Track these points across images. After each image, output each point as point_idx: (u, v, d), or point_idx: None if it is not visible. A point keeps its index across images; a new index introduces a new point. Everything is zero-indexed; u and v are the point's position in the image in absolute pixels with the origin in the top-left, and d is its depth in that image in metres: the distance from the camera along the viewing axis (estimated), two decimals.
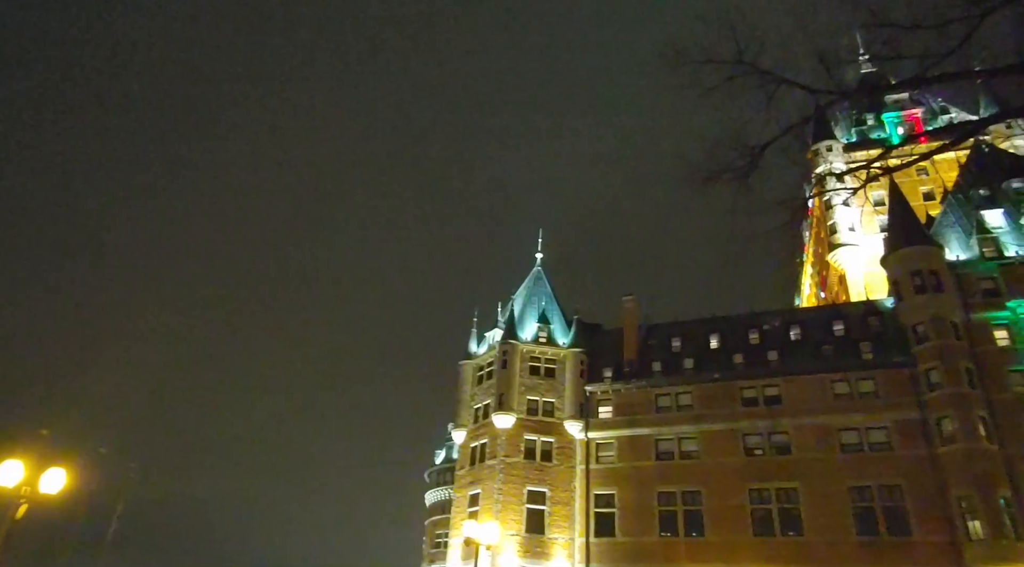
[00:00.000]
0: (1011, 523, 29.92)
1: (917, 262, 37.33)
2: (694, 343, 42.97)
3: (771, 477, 35.86)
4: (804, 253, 68.61)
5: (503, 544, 36.34)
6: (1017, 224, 39.05)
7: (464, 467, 42.76)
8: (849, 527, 33.23)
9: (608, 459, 40.06)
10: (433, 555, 59.11)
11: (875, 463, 34.36)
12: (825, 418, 36.31)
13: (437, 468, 67.63)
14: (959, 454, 31.96)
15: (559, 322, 46.13)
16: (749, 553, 34.08)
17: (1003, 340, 35.25)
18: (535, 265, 50.76)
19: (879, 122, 59.47)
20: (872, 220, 51.40)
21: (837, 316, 41.45)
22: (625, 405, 41.21)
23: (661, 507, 37.24)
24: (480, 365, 45.44)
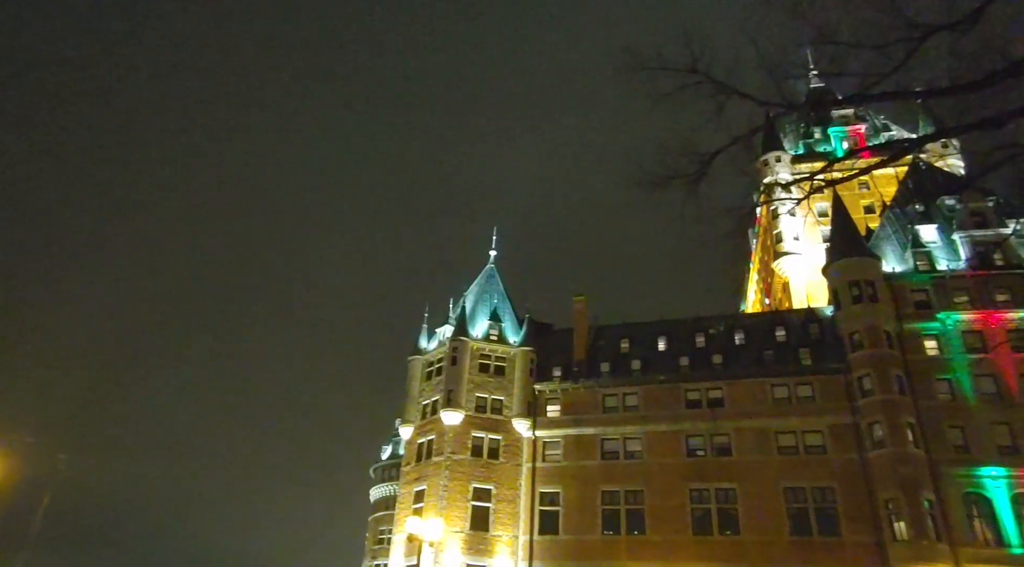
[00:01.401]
0: (933, 525, 31.38)
1: (855, 273, 38.77)
2: (642, 345, 43.67)
3: (711, 478, 36.74)
4: (751, 260, 70.47)
5: (447, 541, 36.25)
6: (949, 239, 40.95)
7: (410, 463, 42.49)
8: (783, 527, 34.32)
9: (554, 457, 40.39)
10: (376, 551, 58.58)
11: (810, 466, 35.56)
12: (764, 421, 37.39)
13: (383, 464, 67.02)
14: (887, 458, 33.35)
15: (510, 320, 46.25)
16: (688, 551, 34.85)
17: (932, 350, 36.92)
18: (488, 262, 50.76)
19: (825, 136, 61.55)
20: (816, 230, 53.12)
21: (779, 322, 42.72)
22: (573, 404, 41.62)
23: (604, 506, 37.76)
24: (430, 361, 45.21)
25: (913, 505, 31.74)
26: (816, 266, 45.18)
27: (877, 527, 32.58)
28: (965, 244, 39.98)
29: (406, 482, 42.11)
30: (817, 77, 44.99)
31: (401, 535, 38.44)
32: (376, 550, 58.72)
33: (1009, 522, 31.41)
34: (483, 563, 36.92)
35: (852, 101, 13.14)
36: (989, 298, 37.24)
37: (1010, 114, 9.55)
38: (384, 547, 51.98)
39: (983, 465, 32.89)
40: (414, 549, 32.36)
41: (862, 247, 40.44)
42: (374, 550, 59.55)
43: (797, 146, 61.39)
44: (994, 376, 35.14)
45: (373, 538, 61.73)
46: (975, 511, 32.25)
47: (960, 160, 52.44)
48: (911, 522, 31.42)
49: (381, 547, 55.90)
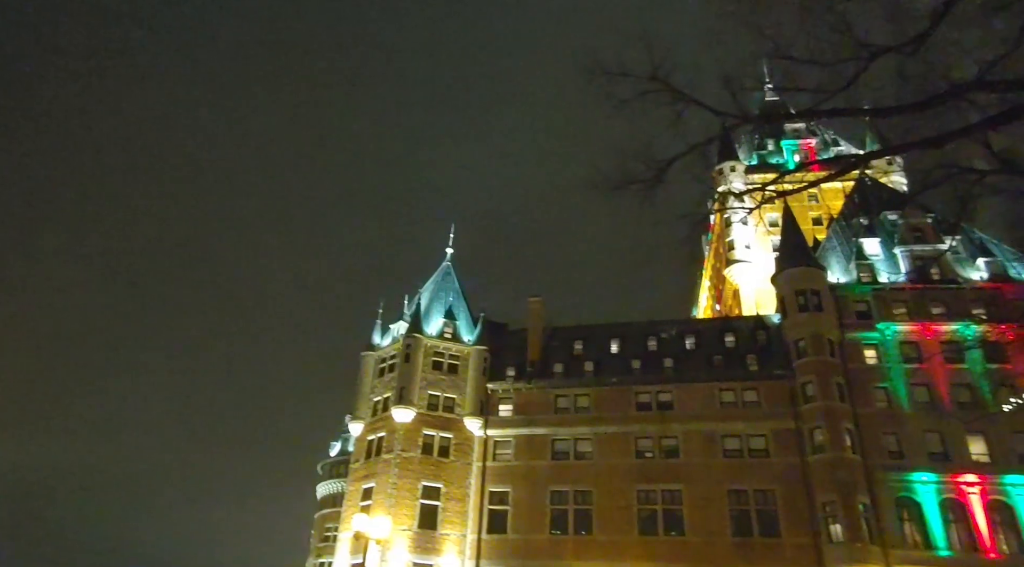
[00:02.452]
0: (867, 527, 32.57)
1: (802, 282, 39.95)
2: (595, 347, 44.11)
3: (658, 479, 37.35)
4: (703, 266, 71.91)
5: (394, 539, 35.95)
6: (890, 253, 42.55)
7: (359, 460, 41.99)
8: (726, 528, 35.12)
9: (505, 457, 40.46)
10: (321, 549, 57.74)
11: (753, 469, 36.50)
12: (712, 425, 38.20)
13: (331, 460, 66.07)
14: (826, 462, 34.46)
15: (465, 319, 46.15)
16: (633, 551, 35.34)
17: (872, 359, 38.29)
18: (445, 260, 50.54)
19: (778, 148, 63.30)
20: (766, 240, 54.60)
21: (729, 329, 43.71)
22: (525, 404, 41.77)
23: (553, 506, 38.01)
24: (383, 357, 44.75)
25: (849, 508, 32.87)
26: (766, 274, 46.38)
27: (815, 529, 33.62)
28: (905, 258, 41.61)
29: (354, 479, 41.59)
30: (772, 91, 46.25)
31: (347, 533, 37.95)
32: (321, 548, 57.88)
33: (937, 526, 32.82)
34: (430, 562, 36.74)
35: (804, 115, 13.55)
36: (925, 311, 38.82)
37: (949, 135, 9.99)
38: (330, 545, 51.29)
39: (915, 471, 34.28)
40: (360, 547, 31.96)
41: (809, 258, 41.68)
42: (319, 548, 58.68)
43: (751, 157, 62.94)
44: (928, 385, 36.67)
45: (319, 536, 60.82)
46: (906, 515, 33.57)
47: (903, 177, 54.58)
48: (846, 524, 32.53)
49: (327, 545, 55.12)
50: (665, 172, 12.69)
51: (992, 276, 39.65)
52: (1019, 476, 33.26)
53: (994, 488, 33.22)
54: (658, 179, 12.72)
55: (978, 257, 40.83)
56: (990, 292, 38.47)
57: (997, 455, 34.09)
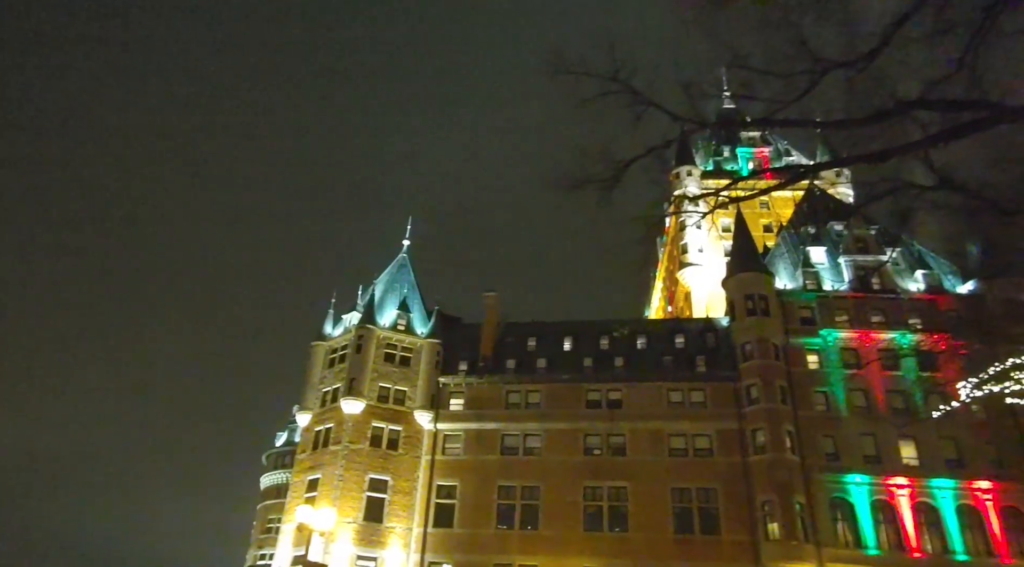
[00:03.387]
0: (802, 526, 33.71)
1: (751, 287, 40.99)
2: (548, 344, 44.38)
3: (605, 476, 37.87)
4: (657, 268, 73.08)
5: (338, 531, 35.58)
6: (835, 262, 44.02)
7: (306, 451, 41.37)
8: (668, 525, 35.86)
9: (454, 451, 40.42)
10: (263, 541, 56.69)
11: (697, 467, 37.33)
12: (659, 424, 38.90)
13: (276, 451, 64.84)
14: (766, 463, 35.51)
15: (419, 311, 45.87)
16: (578, 547, 35.77)
17: (813, 363, 39.57)
18: (401, 252, 50.11)
19: (734, 155, 64.75)
20: (719, 244, 55.78)
21: (679, 330, 44.56)
22: (476, 399, 41.79)
23: (501, 500, 38.16)
24: (333, 347, 44.15)
25: (786, 507, 33.95)
26: (717, 278, 47.39)
27: (753, 527, 34.62)
28: (848, 267, 43.08)
29: (300, 470, 40.97)
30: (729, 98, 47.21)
31: (291, 524, 37.37)
32: (263, 539, 56.83)
33: (868, 526, 34.17)
34: (374, 554, 36.49)
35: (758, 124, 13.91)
36: (865, 318, 40.30)
37: (893, 150, 10.39)
38: (272, 536, 50.41)
39: (849, 472, 35.60)
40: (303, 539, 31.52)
41: (759, 263, 42.79)
42: (261, 539, 57.61)
43: (707, 162, 64.20)
44: (864, 391, 38.10)
45: (261, 527, 59.69)
46: (839, 514, 34.86)
47: (850, 189, 56.54)
48: (783, 523, 33.59)
49: (269, 536, 54.16)
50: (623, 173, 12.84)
51: (928, 288, 41.40)
52: (945, 480, 34.88)
53: (921, 491, 34.76)
54: (616, 180, 12.86)
55: (916, 269, 42.57)
56: (926, 303, 40.17)
57: (925, 459, 35.66)
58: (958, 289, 41.15)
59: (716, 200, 13.90)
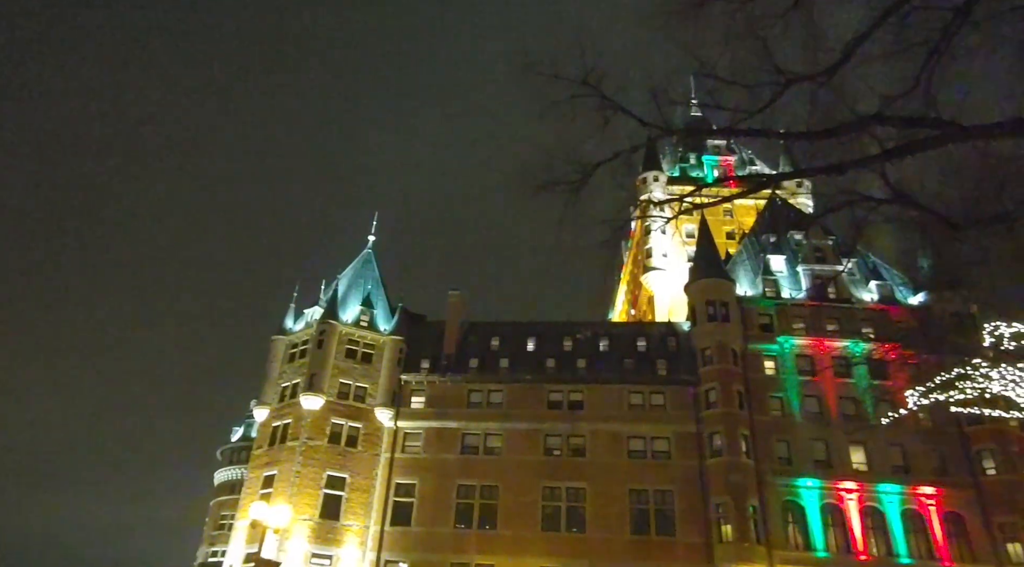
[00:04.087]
0: (755, 529, 34.41)
1: (712, 293, 41.68)
2: (512, 344, 44.45)
3: (564, 477, 38.08)
4: (622, 271, 73.79)
5: (293, 528, 35.09)
6: (794, 270, 45.04)
7: (262, 446, 40.71)
8: (625, 526, 36.23)
9: (414, 449, 40.20)
10: (215, 537, 55.66)
11: (655, 469, 37.81)
12: (619, 426, 39.29)
13: (232, 446, 63.70)
14: (722, 466, 36.15)
15: (383, 308, 45.51)
16: (535, 547, 35.89)
17: (770, 369, 40.41)
18: (366, 247, 49.66)
19: (699, 162, 65.79)
20: (683, 250, 56.60)
21: (642, 333, 45.07)
22: (438, 397, 41.63)
23: (459, 499, 38.08)
24: (294, 342, 43.54)
25: (740, 510, 34.61)
26: (680, 283, 48.04)
27: (707, 529, 35.19)
28: (806, 276, 44.12)
29: (256, 466, 40.28)
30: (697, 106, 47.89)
31: (244, 521, 36.71)
32: (215, 536, 55.78)
33: (817, 529, 35.04)
34: (330, 552, 36.08)
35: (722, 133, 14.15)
36: (821, 327, 41.33)
37: (851, 163, 10.68)
38: (225, 533, 49.51)
39: (801, 476, 36.45)
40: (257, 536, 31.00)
41: (720, 270, 43.52)
42: (213, 536, 56.52)
43: (674, 168, 65.09)
44: (818, 397, 39.07)
45: (213, 523, 58.54)
46: (790, 517, 35.67)
47: (809, 199, 57.95)
48: (736, 525, 34.23)
49: (221, 533, 53.18)
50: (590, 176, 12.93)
51: (882, 298, 42.63)
52: (892, 484, 35.98)
53: (869, 495, 35.79)
54: (583, 182, 12.95)
55: (870, 280, 43.80)
56: (879, 313, 41.36)
57: (874, 464, 36.74)
58: (909, 300, 42.47)
59: (680, 206, 14.09)
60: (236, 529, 38.65)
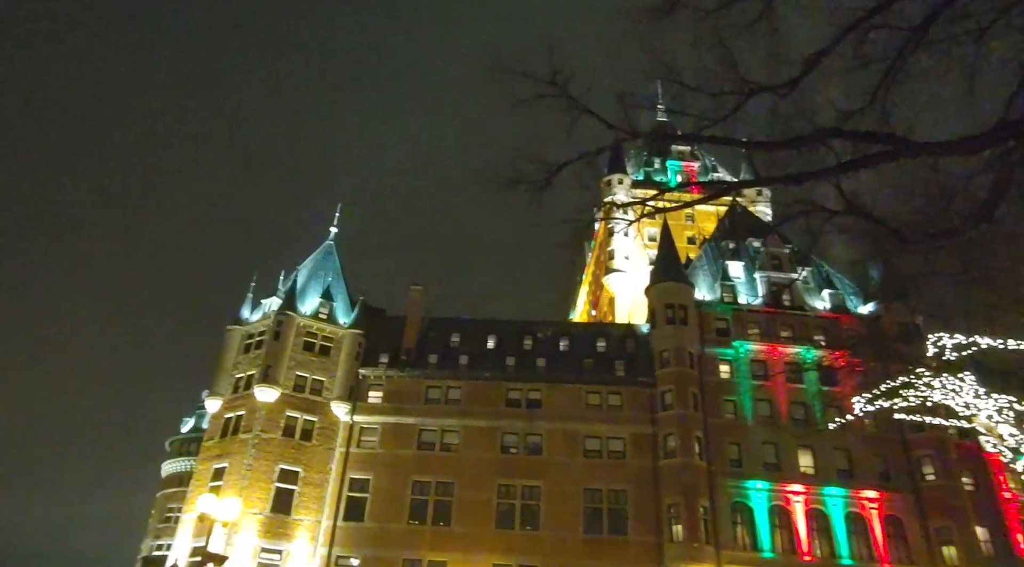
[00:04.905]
0: (705, 529, 35.07)
1: (672, 296, 42.29)
2: (472, 341, 44.39)
3: (520, 475, 38.21)
4: (584, 272, 74.31)
5: (243, 522, 34.45)
6: (751, 277, 46.00)
7: (214, 438, 39.85)
8: (578, 524, 36.54)
9: (370, 444, 39.85)
10: (160, 530, 54.33)
11: (610, 469, 38.22)
12: (576, 425, 39.59)
13: (182, 437, 62.19)
14: (675, 467, 36.74)
15: (343, 301, 44.98)
16: (489, 544, 35.93)
17: (725, 373, 41.20)
18: (328, 239, 48.99)
19: (664, 167, 66.65)
20: (645, 253, 57.29)
21: (602, 334, 45.48)
22: (396, 392, 41.34)
23: (414, 495, 37.89)
24: (250, 333, 42.71)
25: (691, 510, 35.23)
26: (641, 285, 48.61)
27: (659, 528, 35.73)
28: (763, 283, 45.10)
29: (206, 458, 39.42)
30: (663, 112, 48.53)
31: (192, 514, 35.90)
32: (161, 529, 54.44)
33: (765, 530, 35.89)
34: (280, 547, 35.53)
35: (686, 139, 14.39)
36: (775, 333, 42.30)
37: (808, 174, 10.96)
38: (171, 526, 48.38)
39: (751, 479, 37.29)
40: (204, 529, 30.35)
41: (681, 274, 44.18)
42: (159, 529, 55.15)
43: (639, 172, 65.81)
44: (770, 401, 40.01)
45: (159, 516, 57.11)
46: (739, 518, 36.45)
47: (768, 208, 59.23)
48: (687, 525, 34.84)
49: (167, 526, 51.94)
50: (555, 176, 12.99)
51: (834, 307, 43.84)
52: (836, 488, 37.06)
53: (815, 498, 36.81)
54: (548, 182, 13.00)
55: (824, 289, 45.01)
56: (830, 321, 42.54)
57: (820, 468, 37.79)
58: (859, 310, 43.76)
59: (643, 209, 14.26)
60: (183, 522, 37.78)
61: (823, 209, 12.28)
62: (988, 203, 10.08)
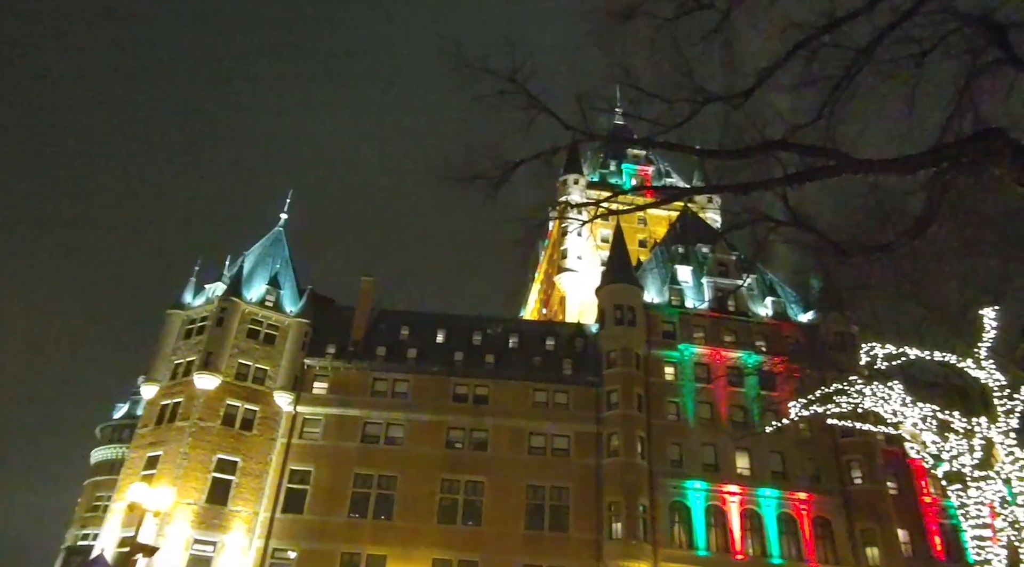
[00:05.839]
0: (643, 527, 35.74)
1: (621, 298, 42.88)
2: (421, 335, 44.12)
3: (464, 470, 38.19)
4: (536, 270, 74.65)
5: (176, 512, 33.51)
6: (699, 282, 47.02)
7: (148, 425, 38.59)
8: (520, 520, 36.76)
9: (312, 435, 39.22)
10: (87, 519, 52.35)
11: (553, 467, 38.56)
12: (522, 422, 39.80)
13: (114, 423, 60.03)
14: (618, 466, 37.33)
15: (291, 289, 44.10)
16: (429, 539, 35.81)
17: (670, 375, 42.01)
18: (278, 225, 47.95)
19: (619, 169, 67.47)
20: (597, 253, 57.94)
21: (551, 333, 45.81)
22: (341, 384, 40.78)
23: (356, 489, 37.46)
24: (192, 318, 41.50)
25: (631, 509, 35.85)
26: (592, 285, 49.13)
27: (599, 526, 36.24)
28: (710, 288, 46.15)
29: (139, 445, 38.14)
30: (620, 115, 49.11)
31: (122, 503, 34.71)
32: (88, 518, 52.46)
33: (701, 529, 36.80)
34: (214, 538, 34.66)
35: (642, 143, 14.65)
36: (719, 337, 43.36)
37: (755, 184, 11.31)
38: (99, 515, 46.67)
39: (689, 479, 38.15)
40: (134, 519, 29.38)
41: (631, 276, 44.84)
42: (85, 518, 53.13)
43: (594, 173, 66.44)
44: (711, 404, 40.99)
45: (86, 505, 55.01)
46: (677, 517, 37.26)
47: (718, 215, 60.65)
48: (626, 523, 35.45)
49: (95, 515, 50.08)
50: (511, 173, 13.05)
51: (775, 314, 45.20)
52: (770, 489, 38.25)
53: (750, 498, 37.92)
54: (504, 179, 13.05)
55: (767, 296, 46.35)
56: (771, 328, 43.86)
57: (756, 470, 38.95)
58: (799, 318, 45.24)
59: (597, 210, 14.45)
60: (112, 511, 36.50)
61: (769, 219, 12.69)
62: (921, 221, 10.57)
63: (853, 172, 10.37)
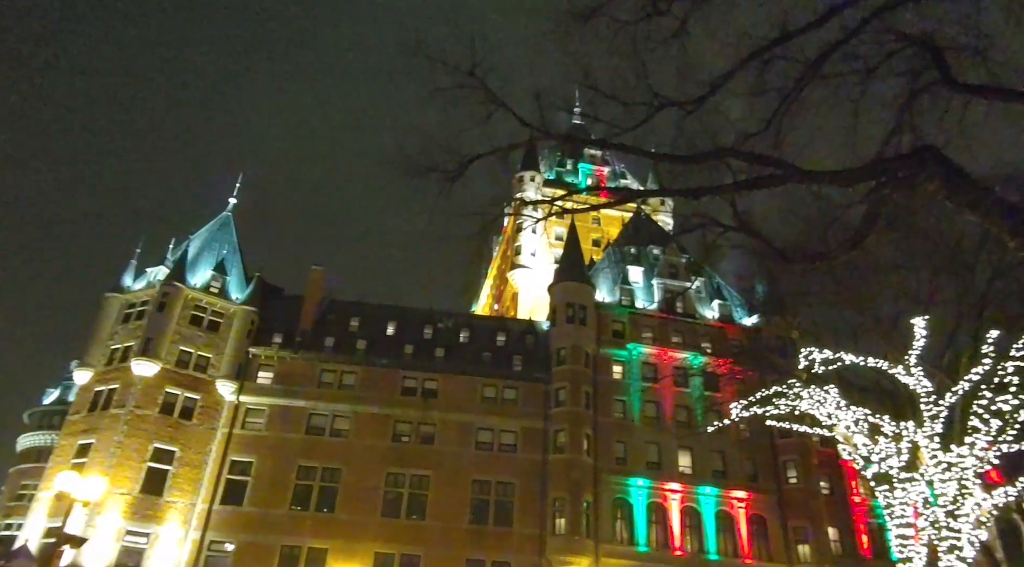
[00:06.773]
0: (586, 523, 36.23)
1: (573, 296, 43.29)
2: (371, 327, 43.63)
3: (410, 464, 37.99)
4: (490, 265, 74.64)
5: (108, 502, 32.38)
6: (649, 283, 47.84)
7: (80, 412, 37.13)
8: (464, 515, 36.80)
9: (255, 426, 38.39)
10: (11, 509, 50.08)
11: (500, 462, 38.70)
12: (470, 417, 39.81)
13: (43, 409, 57.53)
14: (563, 462, 37.71)
15: (237, 276, 43.01)
16: (373, 532, 35.52)
17: (618, 374, 42.62)
18: (226, 209, 46.68)
19: (575, 169, 68.00)
20: (550, 251, 58.31)
21: (503, 328, 45.91)
22: (287, 374, 40.03)
23: (299, 481, 36.86)
24: (131, 302, 40.08)
25: (574, 504, 36.29)
26: (544, 283, 49.44)
27: (543, 521, 36.59)
28: (659, 289, 47.00)
29: (70, 433, 36.67)
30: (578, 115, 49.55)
31: (49, 492, 33.32)
32: (12, 508, 50.20)
33: (642, 525, 37.51)
34: (148, 530, 33.62)
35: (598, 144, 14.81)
36: (666, 338, 44.21)
37: (706, 189, 11.58)
38: (24, 505, 44.68)
39: (633, 476, 38.84)
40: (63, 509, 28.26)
41: (583, 275, 45.30)
42: (9, 508, 50.83)
43: (551, 171, 66.79)
44: (656, 403, 41.80)
45: (11, 494, 52.63)
46: (620, 514, 37.90)
47: (670, 218, 61.79)
48: (570, 519, 35.87)
49: (20, 504, 47.94)
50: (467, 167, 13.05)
51: (721, 317, 46.34)
52: (710, 487, 39.26)
53: (690, 496, 38.85)
54: (459, 173, 13.04)
55: (714, 299, 47.46)
56: (717, 330, 44.95)
57: (697, 468, 39.91)
58: (744, 321, 46.49)
59: (552, 208, 14.56)
60: (38, 500, 34.98)
61: (718, 224, 13.01)
62: (860, 232, 11.00)
63: (798, 182, 10.73)
